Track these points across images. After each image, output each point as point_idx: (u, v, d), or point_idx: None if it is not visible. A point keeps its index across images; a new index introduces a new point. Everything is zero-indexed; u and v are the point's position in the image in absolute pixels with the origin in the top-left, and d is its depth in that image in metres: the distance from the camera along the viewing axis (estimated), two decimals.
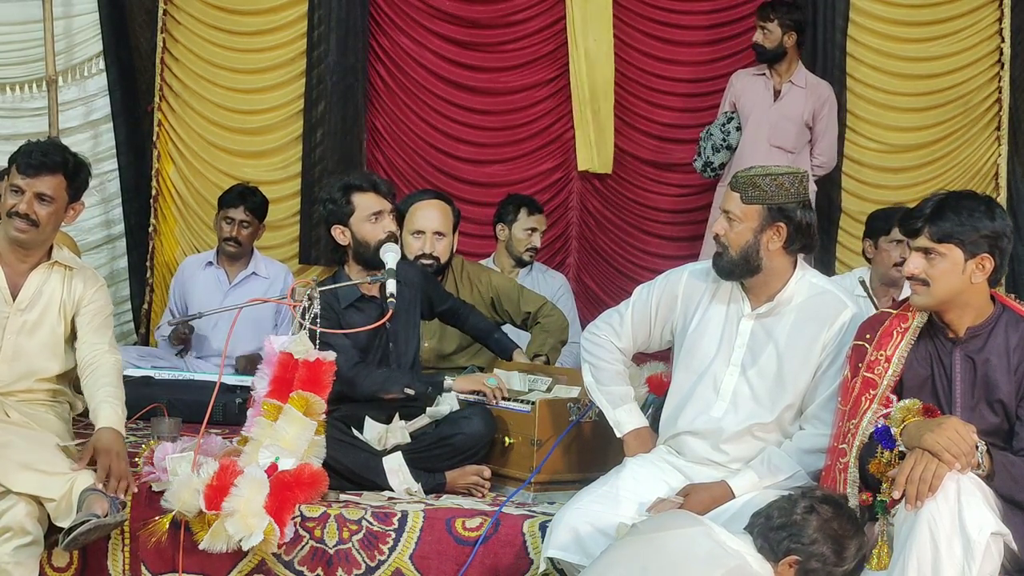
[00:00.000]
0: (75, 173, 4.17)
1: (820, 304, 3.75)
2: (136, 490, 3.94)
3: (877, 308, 4.82)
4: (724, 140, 6.40)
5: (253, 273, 6.26)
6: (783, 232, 3.71)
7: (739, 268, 3.75)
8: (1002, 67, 6.93)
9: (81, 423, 5.01)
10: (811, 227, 3.75)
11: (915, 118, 7.03)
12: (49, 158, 4.13)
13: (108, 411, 4.01)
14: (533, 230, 6.25)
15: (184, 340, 6.02)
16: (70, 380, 4.27)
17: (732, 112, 6.48)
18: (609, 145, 7.11)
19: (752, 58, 6.70)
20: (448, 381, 4.43)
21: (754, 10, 6.67)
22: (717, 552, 3.14)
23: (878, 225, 5.61)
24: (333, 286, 4.38)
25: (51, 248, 4.23)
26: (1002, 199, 6.80)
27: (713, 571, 3.07)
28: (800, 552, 3.22)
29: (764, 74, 6.50)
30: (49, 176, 4.11)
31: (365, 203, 4.48)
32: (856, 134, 7.01)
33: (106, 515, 3.74)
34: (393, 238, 4.48)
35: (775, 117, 6.44)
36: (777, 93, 6.48)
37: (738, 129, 6.42)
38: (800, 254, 3.83)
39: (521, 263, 6.29)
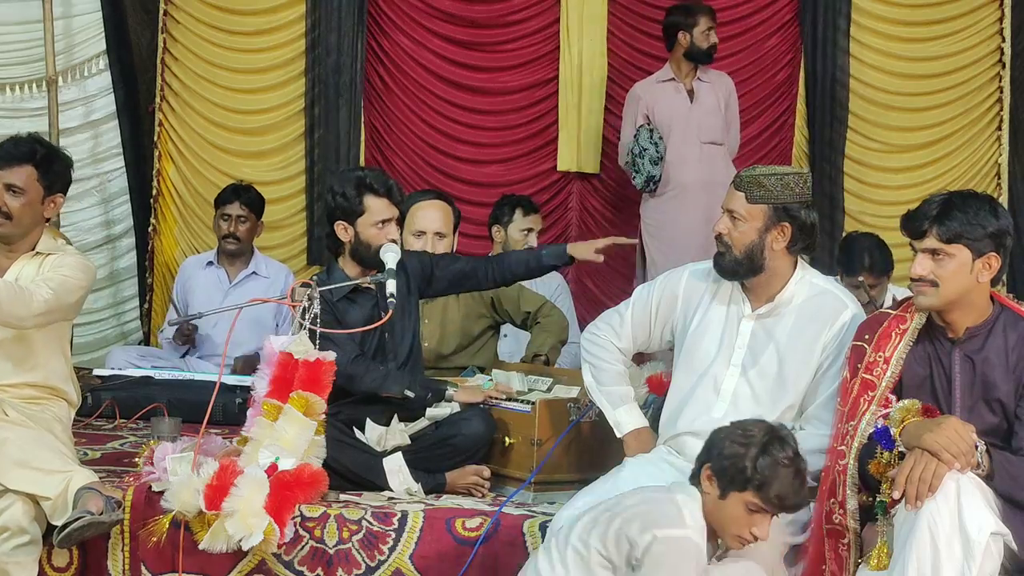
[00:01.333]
0: (46, 164, 4.14)
1: (820, 304, 3.75)
2: None
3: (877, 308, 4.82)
4: (658, 152, 6.40)
5: (254, 272, 6.27)
6: (787, 232, 3.71)
7: (742, 268, 3.74)
8: (1003, 67, 6.94)
9: (80, 422, 5.03)
10: (814, 227, 3.75)
11: (916, 118, 7.05)
12: (17, 149, 4.12)
13: None
14: (529, 230, 6.20)
15: (189, 338, 6.01)
16: (66, 375, 4.26)
17: (649, 124, 6.47)
18: (597, 143, 7.10)
19: (750, 60, 6.73)
20: (450, 391, 4.40)
21: (746, 13, 6.71)
22: (657, 495, 3.34)
23: (841, 259, 5.61)
24: (333, 286, 4.37)
25: (39, 242, 4.18)
26: (1003, 199, 6.82)
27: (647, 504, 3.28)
28: (708, 457, 3.31)
29: (672, 79, 6.51)
30: (17, 167, 4.09)
31: (377, 208, 4.43)
32: (857, 134, 7.03)
33: (101, 513, 3.74)
34: (393, 243, 4.47)
35: (698, 115, 6.47)
36: (691, 93, 6.50)
37: (660, 138, 6.42)
38: (801, 255, 3.83)
39: None
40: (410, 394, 4.34)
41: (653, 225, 6.55)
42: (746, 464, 3.24)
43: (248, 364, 5.62)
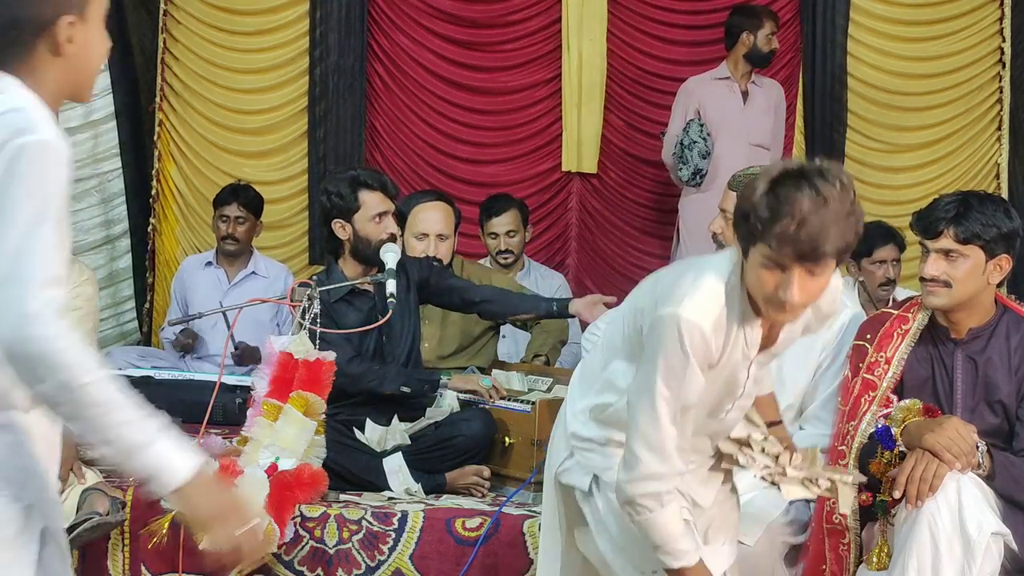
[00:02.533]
0: None
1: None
2: None
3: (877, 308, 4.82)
4: (707, 147, 6.40)
5: (253, 272, 6.27)
6: None
7: None
8: (1003, 67, 6.94)
9: None
10: None
11: (916, 117, 7.04)
12: None
13: None
14: (495, 235, 6.05)
15: (188, 348, 6.00)
16: None
17: (700, 119, 6.47)
18: (595, 143, 7.10)
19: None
20: (444, 379, 4.43)
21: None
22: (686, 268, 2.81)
23: (858, 246, 5.60)
24: (332, 286, 4.37)
25: None
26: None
27: None
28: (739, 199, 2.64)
29: (728, 78, 6.50)
30: None
31: (372, 202, 4.46)
32: (857, 134, 7.02)
33: (107, 514, 3.74)
34: (393, 239, 4.47)
35: (750, 117, 6.48)
36: (745, 94, 6.51)
37: (709, 134, 6.43)
38: None
39: (502, 266, 6.15)
40: (406, 389, 4.35)
41: (692, 220, 6.50)
42: (752, 203, 2.51)
43: (248, 352, 5.69)
